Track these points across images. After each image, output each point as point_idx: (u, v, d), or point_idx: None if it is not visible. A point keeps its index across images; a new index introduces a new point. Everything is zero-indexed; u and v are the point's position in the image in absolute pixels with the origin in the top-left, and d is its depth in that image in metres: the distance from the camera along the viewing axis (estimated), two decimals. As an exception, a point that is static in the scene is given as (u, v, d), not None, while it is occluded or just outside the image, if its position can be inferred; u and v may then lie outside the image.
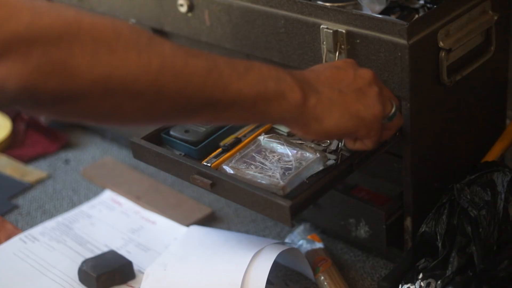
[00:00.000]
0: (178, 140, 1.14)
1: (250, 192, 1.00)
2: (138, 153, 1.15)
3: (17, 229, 1.36)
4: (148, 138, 1.15)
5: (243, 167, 1.07)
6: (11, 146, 1.62)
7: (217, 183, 1.04)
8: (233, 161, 1.08)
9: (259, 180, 1.03)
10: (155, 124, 1.12)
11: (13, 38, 0.75)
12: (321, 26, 1.09)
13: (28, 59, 0.75)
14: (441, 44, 1.06)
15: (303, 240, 1.23)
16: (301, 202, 0.99)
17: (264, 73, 0.92)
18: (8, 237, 1.33)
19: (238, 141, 1.13)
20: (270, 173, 1.04)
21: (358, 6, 1.18)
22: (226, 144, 1.12)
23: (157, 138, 1.16)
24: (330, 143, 1.11)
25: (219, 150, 1.12)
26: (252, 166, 1.07)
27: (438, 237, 1.08)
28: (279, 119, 0.96)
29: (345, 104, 0.97)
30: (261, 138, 1.12)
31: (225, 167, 1.07)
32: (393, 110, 1.01)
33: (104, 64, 0.79)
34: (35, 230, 1.34)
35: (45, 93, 0.78)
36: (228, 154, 1.10)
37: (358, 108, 0.97)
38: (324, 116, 0.95)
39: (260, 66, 0.92)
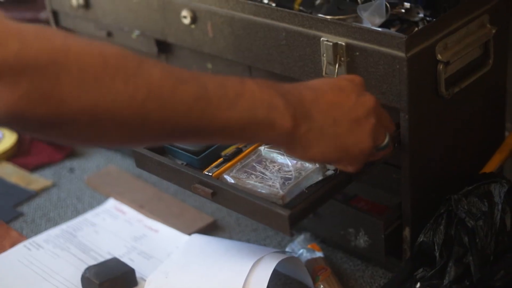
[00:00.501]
0: (180, 150, 1.16)
1: (250, 201, 1.02)
2: (141, 162, 1.17)
3: (22, 236, 1.37)
4: (151, 147, 1.17)
5: (243, 177, 1.08)
6: (16, 155, 1.64)
7: (218, 192, 1.06)
8: (234, 171, 1.10)
9: (259, 190, 1.05)
10: (142, 146, 1.13)
11: (1, 66, 0.76)
12: (321, 39, 1.11)
13: (16, 87, 0.77)
14: (439, 57, 1.08)
15: (303, 249, 1.24)
16: (300, 211, 1.00)
17: (256, 99, 0.90)
18: (13, 244, 1.35)
19: (239, 151, 1.15)
20: (270, 183, 1.06)
21: (358, 19, 1.19)
22: (227, 154, 1.14)
23: (159, 147, 1.18)
24: None
25: (220, 160, 1.14)
26: (253, 176, 1.09)
27: (436, 247, 1.09)
28: (266, 142, 0.96)
29: (335, 136, 0.96)
30: (261, 148, 1.13)
31: (226, 176, 1.08)
32: (385, 142, 1.02)
33: (90, 93, 0.80)
34: (40, 238, 1.36)
35: (32, 119, 0.79)
36: (229, 164, 1.12)
37: (347, 142, 0.97)
38: (311, 145, 0.95)
39: (252, 90, 0.91)
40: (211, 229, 1.36)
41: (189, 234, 1.32)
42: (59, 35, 0.81)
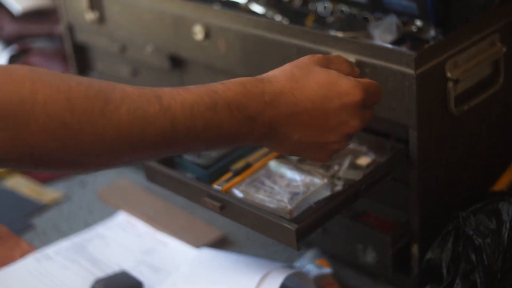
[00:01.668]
0: (190, 163, 1.17)
1: (258, 215, 1.03)
2: (151, 175, 1.18)
3: (32, 248, 1.38)
4: (161, 161, 1.18)
5: (252, 191, 1.09)
6: (29, 167, 1.65)
7: (227, 206, 1.07)
8: (243, 185, 1.10)
9: (267, 204, 1.05)
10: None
11: None
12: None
13: None
14: (449, 74, 1.09)
15: (311, 265, 1.24)
16: (307, 226, 1.01)
17: (223, 130, 0.91)
18: (23, 255, 1.35)
19: (248, 165, 1.15)
20: (278, 197, 1.07)
21: (369, 36, 1.21)
22: (237, 168, 1.15)
23: (170, 161, 1.19)
24: (339, 170, 1.13)
25: (230, 173, 1.14)
26: (261, 190, 1.09)
27: (443, 264, 1.09)
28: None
29: (296, 152, 0.99)
30: (271, 163, 1.14)
31: (235, 190, 1.09)
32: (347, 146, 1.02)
33: (59, 138, 0.82)
34: (50, 249, 1.36)
35: (5, 160, 0.83)
36: (238, 178, 1.13)
37: (305, 155, 1.00)
38: (273, 149, 0.99)
39: (221, 120, 0.90)
40: (220, 243, 1.36)
41: (198, 247, 1.32)
42: (27, 80, 0.82)
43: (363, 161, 1.14)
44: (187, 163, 1.17)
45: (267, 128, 0.93)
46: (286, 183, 1.10)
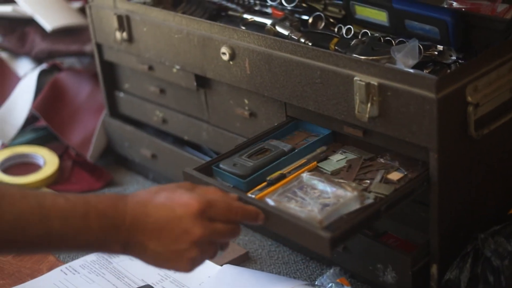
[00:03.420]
0: (228, 173, 1.20)
1: (293, 223, 1.05)
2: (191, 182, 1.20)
3: (59, 261, 1.41)
4: (200, 169, 1.21)
5: (284, 201, 1.12)
6: (57, 182, 1.69)
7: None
8: (275, 195, 1.13)
9: (298, 213, 1.08)
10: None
11: None
12: (355, 78, 1.14)
13: None
14: (469, 99, 1.10)
15: (332, 283, 1.26)
16: (341, 234, 1.04)
17: (91, 237, 1.03)
18: (50, 268, 1.39)
19: (282, 176, 1.18)
20: (309, 208, 1.09)
21: (392, 60, 1.22)
22: (272, 179, 1.18)
23: (208, 170, 1.22)
24: (371, 183, 1.15)
25: (265, 183, 1.18)
26: (293, 201, 1.12)
27: (462, 285, 1.10)
28: None
29: (155, 261, 1.07)
30: (304, 175, 1.17)
31: (267, 199, 1.12)
32: (216, 255, 1.09)
33: None
34: (76, 263, 1.39)
35: None
36: (272, 187, 1.16)
37: (165, 266, 1.08)
38: (139, 258, 1.08)
39: (90, 228, 1.02)
40: (243, 261, 1.38)
41: (221, 264, 1.34)
42: None
43: (395, 176, 1.16)
44: (224, 173, 1.20)
45: (127, 236, 1.04)
46: (317, 195, 1.13)
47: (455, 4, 1.32)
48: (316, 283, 1.29)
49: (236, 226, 1.08)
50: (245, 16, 1.52)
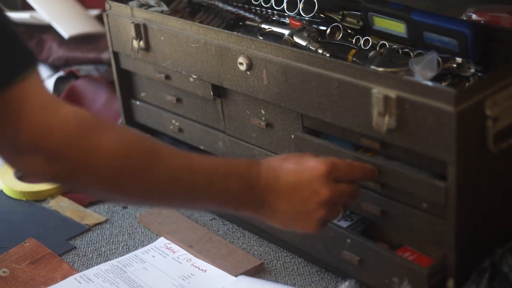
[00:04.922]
0: None
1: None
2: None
3: (73, 269, 1.41)
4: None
5: None
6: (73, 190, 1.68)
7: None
8: None
9: None
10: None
11: (46, 152, 0.96)
12: (372, 90, 1.13)
13: (51, 167, 0.98)
14: (488, 112, 1.09)
15: (347, 296, 1.26)
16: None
17: (230, 196, 1.10)
18: (64, 276, 1.39)
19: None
20: None
21: (410, 72, 1.22)
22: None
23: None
24: None
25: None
26: None
27: (479, 300, 1.10)
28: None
29: (283, 222, 1.14)
30: None
31: None
32: (339, 217, 1.17)
33: (110, 185, 1.05)
34: (90, 271, 1.39)
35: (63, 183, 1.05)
36: None
37: (293, 226, 1.15)
38: (268, 221, 1.15)
39: (228, 188, 1.09)
40: (257, 272, 1.38)
41: (236, 275, 1.34)
42: (95, 133, 0.99)
43: None
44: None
45: (261, 197, 1.11)
46: None
47: (474, 16, 1.32)
48: (331, 295, 1.28)
49: (357, 187, 1.17)
50: (263, 26, 1.52)
